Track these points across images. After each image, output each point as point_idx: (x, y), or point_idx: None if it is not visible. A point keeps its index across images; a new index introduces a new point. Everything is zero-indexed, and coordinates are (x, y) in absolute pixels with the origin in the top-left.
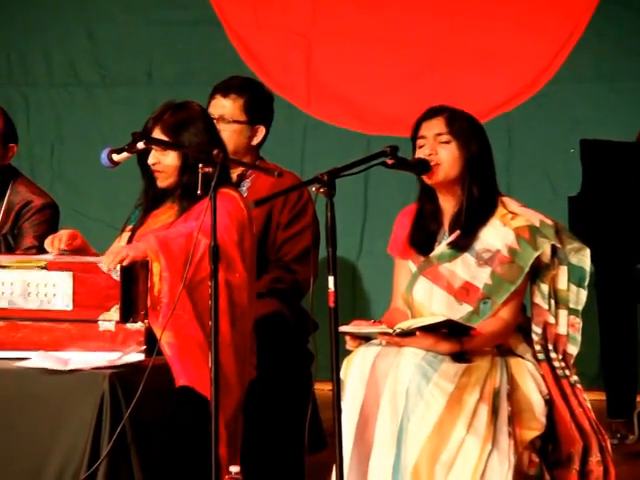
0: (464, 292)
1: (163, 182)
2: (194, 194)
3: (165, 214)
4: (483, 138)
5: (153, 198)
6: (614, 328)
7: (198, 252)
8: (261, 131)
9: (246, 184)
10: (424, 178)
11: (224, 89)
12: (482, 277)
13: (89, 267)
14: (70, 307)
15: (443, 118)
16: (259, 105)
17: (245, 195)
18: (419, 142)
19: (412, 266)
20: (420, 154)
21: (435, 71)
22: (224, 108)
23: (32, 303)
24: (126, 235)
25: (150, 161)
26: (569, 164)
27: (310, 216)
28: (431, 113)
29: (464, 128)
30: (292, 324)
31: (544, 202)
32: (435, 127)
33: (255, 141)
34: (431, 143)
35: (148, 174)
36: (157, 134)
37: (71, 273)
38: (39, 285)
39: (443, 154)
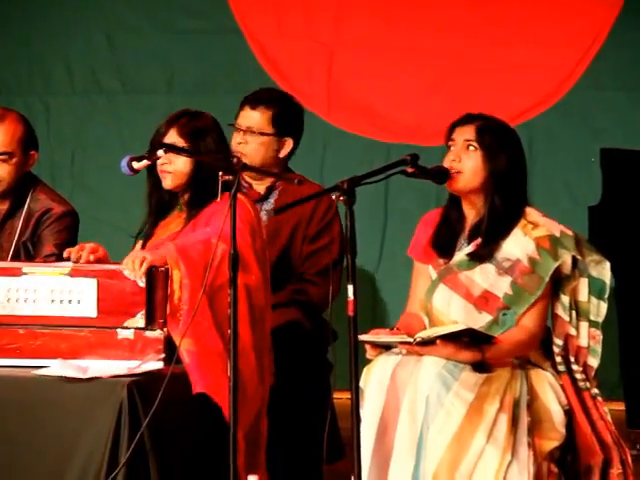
0: (483, 301)
1: (169, 183)
2: (203, 202)
3: (174, 222)
4: (514, 151)
5: (158, 203)
6: (634, 338)
7: (217, 258)
8: (289, 144)
9: (274, 196)
10: (446, 185)
11: (253, 101)
12: (502, 286)
13: (114, 274)
14: (95, 314)
15: (475, 126)
16: (288, 118)
17: (272, 207)
18: (450, 144)
19: (432, 272)
20: (446, 158)
21: (455, 80)
22: (252, 120)
23: (56, 310)
24: (139, 246)
25: (159, 160)
26: (590, 173)
27: (337, 231)
28: (465, 119)
29: (494, 141)
30: (310, 333)
31: (564, 211)
32: (466, 133)
33: (282, 153)
34: (458, 149)
35: (153, 175)
36: (172, 136)
37: (96, 280)
38: (63, 292)
39: (467, 163)
